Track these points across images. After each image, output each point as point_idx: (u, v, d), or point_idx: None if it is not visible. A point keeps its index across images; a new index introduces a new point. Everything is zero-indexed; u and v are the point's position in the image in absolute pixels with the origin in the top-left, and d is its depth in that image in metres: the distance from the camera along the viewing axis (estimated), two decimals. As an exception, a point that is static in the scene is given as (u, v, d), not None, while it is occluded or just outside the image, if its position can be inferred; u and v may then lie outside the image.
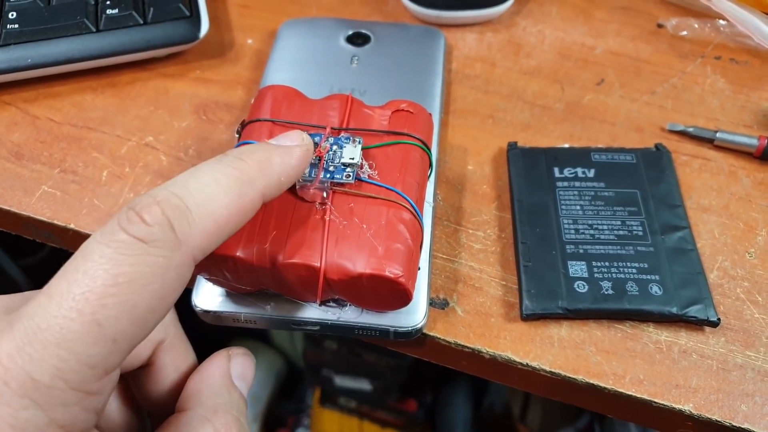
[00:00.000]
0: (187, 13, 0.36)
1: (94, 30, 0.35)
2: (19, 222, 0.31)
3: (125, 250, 0.16)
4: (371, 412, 0.74)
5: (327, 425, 0.75)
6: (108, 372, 0.16)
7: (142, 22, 0.35)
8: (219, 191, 0.19)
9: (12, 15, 0.34)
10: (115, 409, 0.23)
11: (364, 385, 0.71)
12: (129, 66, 0.37)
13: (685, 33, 0.39)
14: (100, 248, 0.16)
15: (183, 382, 0.22)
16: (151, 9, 0.35)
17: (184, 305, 0.27)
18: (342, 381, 0.72)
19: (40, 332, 0.15)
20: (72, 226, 0.30)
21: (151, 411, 0.23)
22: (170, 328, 0.23)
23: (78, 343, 0.16)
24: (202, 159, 0.33)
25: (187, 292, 0.27)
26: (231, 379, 0.22)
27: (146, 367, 0.23)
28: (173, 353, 0.23)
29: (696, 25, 0.39)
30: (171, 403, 0.22)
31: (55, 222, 0.30)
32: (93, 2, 0.36)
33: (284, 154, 0.22)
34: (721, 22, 0.39)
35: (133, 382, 0.23)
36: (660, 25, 0.40)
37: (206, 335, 0.37)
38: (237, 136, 0.29)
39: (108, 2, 0.35)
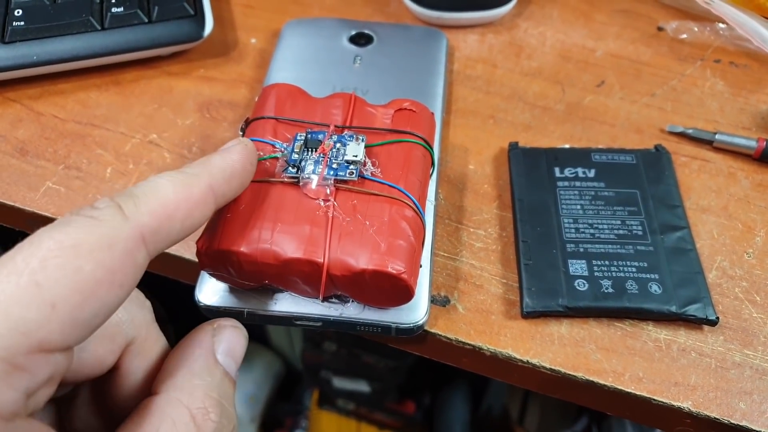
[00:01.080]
0: (192, 12, 0.36)
1: (99, 28, 0.35)
2: (24, 218, 0.31)
3: (73, 223, 0.16)
4: (369, 414, 0.74)
5: (325, 427, 0.75)
6: (43, 347, 0.15)
7: (146, 20, 0.36)
8: (163, 182, 0.19)
9: (18, 12, 0.35)
10: (83, 416, 0.21)
11: (362, 386, 0.71)
12: (133, 64, 0.37)
13: (684, 36, 0.39)
14: (48, 227, 0.16)
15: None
16: (156, 8, 0.36)
17: (188, 301, 0.28)
18: (340, 382, 0.72)
19: None
20: (76, 221, 0.30)
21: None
22: (142, 330, 0.20)
23: (11, 303, 0.15)
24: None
25: (191, 289, 0.27)
26: (214, 356, 0.20)
27: (111, 372, 0.20)
28: (143, 357, 0.20)
29: (696, 29, 0.39)
30: None
31: (60, 218, 0.30)
32: (98, 0, 0.36)
33: (223, 152, 0.22)
34: (721, 25, 0.39)
35: (99, 390, 0.21)
36: (660, 28, 0.40)
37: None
38: (241, 133, 0.29)
39: (113, 0, 0.36)
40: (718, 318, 0.27)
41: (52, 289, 0.15)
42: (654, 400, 0.25)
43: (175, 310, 0.57)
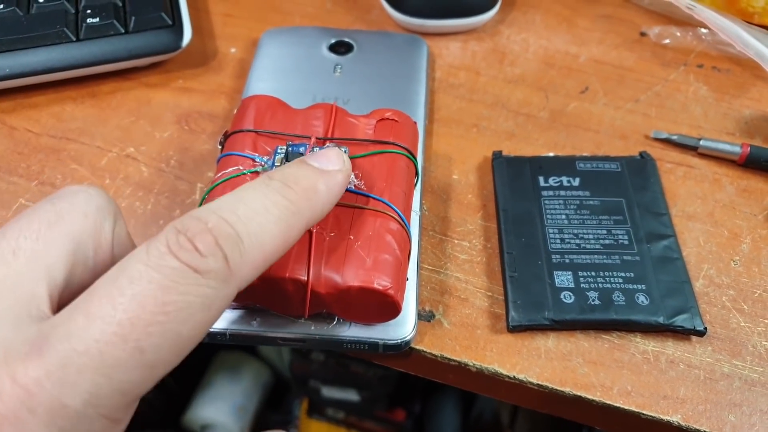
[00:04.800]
0: (170, 22, 0.36)
1: (74, 39, 0.34)
2: (-4, 236, 0.30)
3: (177, 278, 0.16)
4: (359, 423, 0.74)
5: (314, 436, 0.74)
6: (137, 399, 0.16)
7: (123, 31, 0.35)
8: (270, 221, 0.18)
9: (-11, 24, 0.34)
10: None
11: (351, 395, 0.70)
12: (110, 76, 0.36)
13: (667, 41, 0.39)
14: (149, 273, 0.16)
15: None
16: (133, 18, 0.35)
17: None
18: (329, 392, 0.71)
19: (77, 356, 0.15)
20: (50, 239, 0.29)
21: None
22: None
23: (117, 369, 0.15)
24: (184, 170, 0.32)
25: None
26: None
27: None
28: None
29: (678, 34, 0.39)
30: None
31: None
32: (73, 11, 0.35)
33: (329, 181, 0.21)
34: (703, 30, 0.39)
35: None
36: (643, 34, 0.40)
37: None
38: (220, 147, 0.28)
39: (88, 11, 0.35)
40: (706, 328, 0.26)
41: (154, 354, 0.16)
42: (643, 414, 0.25)
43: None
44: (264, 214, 0.18)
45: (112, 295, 0.15)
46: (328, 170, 0.22)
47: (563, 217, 0.30)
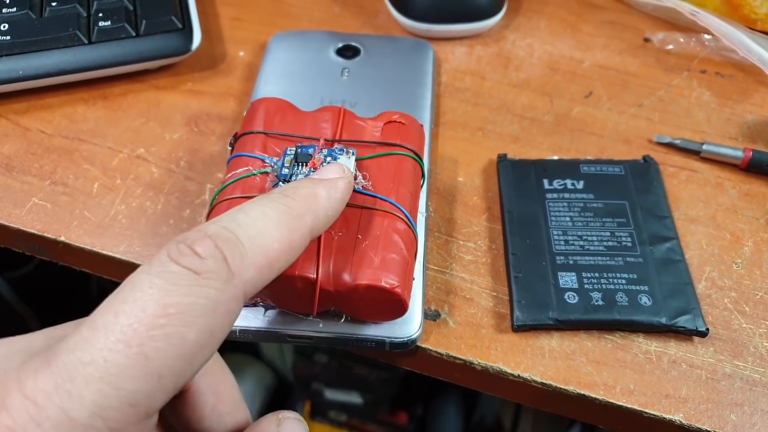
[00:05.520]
0: (180, 26, 0.36)
1: (86, 42, 0.35)
2: (9, 235, 0.31)
3: (177, 280, 0.16)
4: (362, 426, 0.74)
5: (317, 439, 0.74)
6: (149, 414, 0.16)
7: (134, 34, 0.35)
8: (269, 225, 0.19)
9: (4, 27, 0.34)
10: None
11: (354, 398, 0.71)
12: (121, 78, 0.37)
13: (671, 47, 0.40)
14: (150, 279, 0.16)
15: (223, 407, 0.21)
16: (144, 21, 0.36)
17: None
18: (332, 394, 0.71)
19: (83, 366, 0.15)
20: (62, 238, 0.30)
21: None
22: None
23: (122, 377, 0.15)
24: (194, 171, 0.33)
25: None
26: None
27: (182, 393, 0.21)
28: (210, 376, 0.21)
29: (682, 40, 0.40)
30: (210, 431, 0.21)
31: (46, 234, 0.30)
32: (85, 14, 0.36)
33: (329, 188, 0.22)
34: (707, 36, 0.40)
35: (169, 412, 0.21)
36: (646, 39, 0.41)
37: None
38: (230, 148, 0.29)
39: (100, 14, 0.35)
40: (708, 329, 0.27)
41: (160, 360, 0.15)
42: (645, 413, 0.25)
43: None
44: (263, 219, 0.19)
45: (114, 304, 0.16)
46: (329, 178, 0.22)
47: (567, 219, 0.30)
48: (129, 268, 0.30)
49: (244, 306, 0.26)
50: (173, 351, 0.15)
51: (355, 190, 0.25)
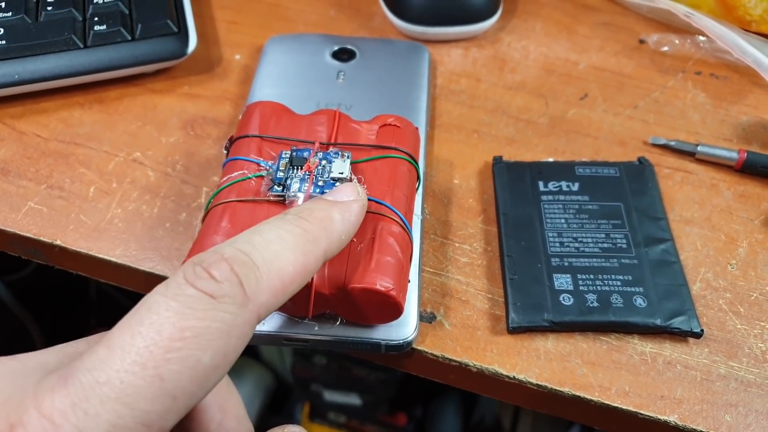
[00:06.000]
0: (175, 30, 0.36)
1: (82, 46, 0.35)
2: (5, 238, 0.31)
3: (193, 304, 0.16)
4: (361, 427, 0.74)
5: (316, 440, 0.74)
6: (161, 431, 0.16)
7: (130, 38, 0.35)
8: (285, 248, 0.19)
9: (-1, 31, 0.34)
10: None
11: (353, 399, 0.71)
12: (117, 82, 0.37)
13: (666, 48, 0.40)
14: (166, 302, 0.16)
15: (229, 422, 0.21)
16: (139, 25, 0.36)
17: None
18: (331, 396, 0.71)
19: (99, 387, 0.15)
20: (58, 242, 0.30)
21: None
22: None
23: (138, 398, 0.15)
24: (190, 174, 0.33)
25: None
26: None
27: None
28: (217, 393, 0.21)
29: (677, 41, 0.40)
30: None
31: (42, 238, 0.30)
32: (81, 19, 0.36)
33: (344, 211, 0.22)
34: (701, 38, 0.40)
35: (176, 428, 0.21)
36: (642, 41, 0.41)
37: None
38: (225, 152, 0.29)
39: (96, 19, 0.35)
40: (702, 330, 0.27)
41: (175, 382, 0.15)
42: (640, 414, 0.25)
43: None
44: (279, 242, 0.19)
45: (131, 325, 0.16)
46: (343, 201, 0.22)
47: (562, 221, 0.30)
48: (125, 271, 0.30)
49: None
50: (188, 374, 0.16)
51: None
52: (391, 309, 0.24)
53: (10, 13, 0.35)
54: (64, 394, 0.15)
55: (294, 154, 0.27)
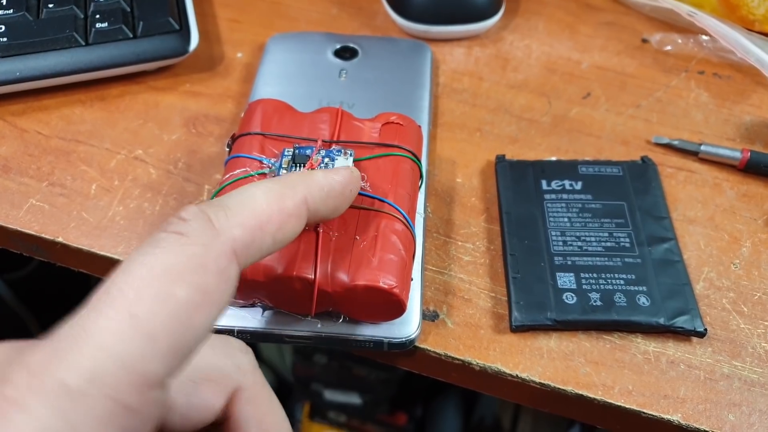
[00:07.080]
0: (177, 27, 0.36)
1: (84, 43, 0.35)
2: (7, 235, 0.31)
3: (162, 244, 0.16)
4: (361, 426, 0.74)
5: (316, 440, 0.74)
6: (149, 381, 0.15)
7: (131, 35, 0.35)
8: (257, 193, 0.19)
9: (0, 28, 0.34)
10: None
11: (353, 398, 0.71)
12: (118, 79, 0.37)
13: (669, 48, 0.40)
14: (140, 250, 0.16)
15: None
16: (141, 23, 0.36)
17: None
18: (331, 395, 0.71)
19: (75, 335, 0.15)
20: (60, 239, 0.30)
21: None
22: (248, 376, 0.20)
23: (112, 339, 0.14)
24: (192, 172, 0.33)
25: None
26: None
27: (223, 423, 0.19)
28: (255, 405, 0.19)
29: (680, 41, 0.40)
30: None
31: (43, 235, 0.30)
32: (82, 16, 0.36)
33: (328, 171, 0.22)
34: (704, 37, 0.40)
35: None
36: (644, 40, 0.41)
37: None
38: (227, 149, 0.29)
39: (97, 16, 0.35)
40: (706, 329, 0.27)
41: (151, 320, 0.15)
42: (644, 413, 0.25)
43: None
44: (251, 189, 0.19)
45: (106, 283, 0.16)
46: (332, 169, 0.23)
47: (565, 219, 0.30)
48: (127, 269, 0.29)
49: (242, 307, 0.26)
50: (163, 310, 0.15)
51: None
52: (394, 307, 0.24)
53: (11, 11, 0.35)
54: (46, 346, 0.15)
55: (296, 151, 0.27)
